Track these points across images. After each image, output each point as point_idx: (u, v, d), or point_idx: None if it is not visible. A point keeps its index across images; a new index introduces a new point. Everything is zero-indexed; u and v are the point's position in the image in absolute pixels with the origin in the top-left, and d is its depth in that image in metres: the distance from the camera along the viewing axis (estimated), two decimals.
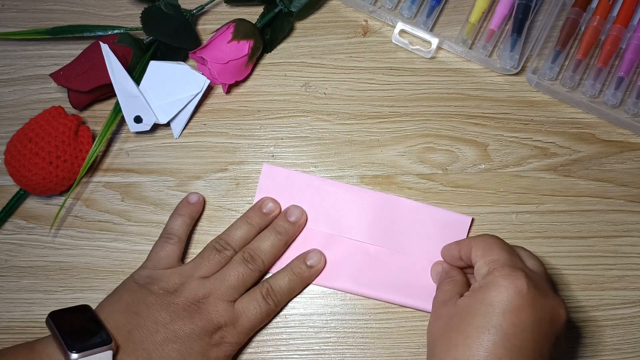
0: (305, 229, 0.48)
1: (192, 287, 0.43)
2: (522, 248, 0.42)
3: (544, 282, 0.38)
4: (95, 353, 0.37)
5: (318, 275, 0.46)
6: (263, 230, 0.46)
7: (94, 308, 0.42)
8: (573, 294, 0.47)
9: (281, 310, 0.46)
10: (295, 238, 0.47)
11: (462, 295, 0.39)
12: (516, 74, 0.51)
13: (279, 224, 0.46)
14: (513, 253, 0.39)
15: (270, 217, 0.47)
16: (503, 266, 0.37)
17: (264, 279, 0.46)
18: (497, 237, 0.41)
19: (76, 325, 0.39)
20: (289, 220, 0.47)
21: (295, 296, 0.46)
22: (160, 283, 0.43)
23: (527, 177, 0.49)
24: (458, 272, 0.43)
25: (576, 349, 0.46)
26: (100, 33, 0.51)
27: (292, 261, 0.46)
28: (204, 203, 0.48)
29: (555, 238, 0.48)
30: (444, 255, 0.45)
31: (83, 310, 0.41)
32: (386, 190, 0.49)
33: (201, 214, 0.48)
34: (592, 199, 0.49)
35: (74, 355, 0.36)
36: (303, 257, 0.46)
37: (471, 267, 0.41)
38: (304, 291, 0.47)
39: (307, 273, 0.46)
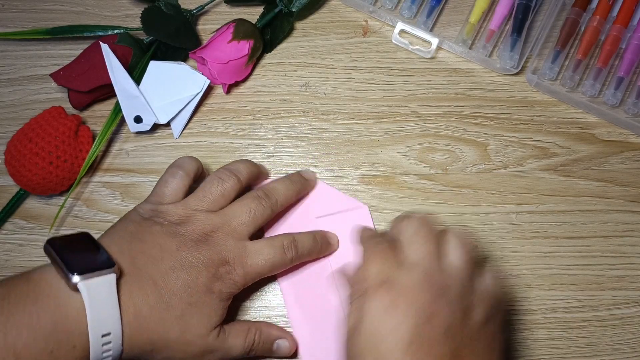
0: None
1: (199, 219, 0.40)
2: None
3: (425, 279, 0.35)
4: (98, 275, 0.35)
5: (334, 248, 0.46)
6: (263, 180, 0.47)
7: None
8: (573, 294, 0.47)
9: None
10: (306, 195, 0.47)
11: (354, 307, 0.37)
12: (516, 74, 0.51)
13: (292, 175, 0.47)
14: (392, 262, 0.37)
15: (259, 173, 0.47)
16: (371, 286, 0.36)
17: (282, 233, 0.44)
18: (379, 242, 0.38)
19: (76, 250, 0.37)
20: (302, 175, 0.47)
21: (309, 258, 0.45)
22: (165, 216, 0.41)
23: (527, 177, 0.49)
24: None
25: (576, 349, 0.46)
26: (100, 33, 0.51)
27: (316, 231, 0.45)
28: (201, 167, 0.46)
29: (555, 238, 0.48)
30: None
31: (83, 236, 0.39)
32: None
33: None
34: (592, 199, 0.49)
35: (76, 278, 0.34)
36: (326, 233, 0.46)
37: None
38: None
39: (325, 248, 0.45)
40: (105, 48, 0.47)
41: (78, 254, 0.36)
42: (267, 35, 0.52)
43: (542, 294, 0.47)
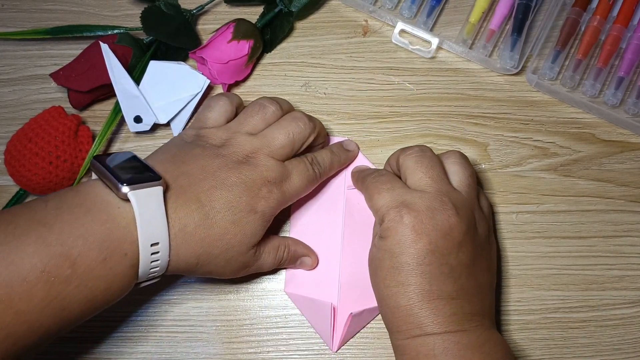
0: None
1: (241, 141, 0.41)
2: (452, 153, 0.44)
3: (436, 199, 0.40)
4: (146, 187, 0.35)
5: (354, 153, 0.48)
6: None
7: None
8: (573, 294, 0.47)
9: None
10: (348, 165, 0.48)
11: (377, 235, 0.41)
12: (516, 74, 0.51)
13: (333, 146, 0.48)
14: (401, 188, 0.41)
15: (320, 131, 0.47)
16: (388, 210, 0.40)
17: None
18: (415, 155, 0.42)
19: (123, 165, 0.37)
20: (345, 147, 0.48)
21: (331, 174, 0.47)
22: (207, 139, 0.42)
23: (527, 177, 0.49)
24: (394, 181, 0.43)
25: (576, 349, 0.46)
26: (100, 33, 0.51)
27: (331, 144, 0.48)
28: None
29: (555, 238, 0.48)
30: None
31: (128, 154, 0.39)
32: None
33: None
34: (592, 199, 0.49)
35: (125, 188, 0.35)
36: (341, 143, 0.48)
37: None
38: None
39: (344, 155, 0.47)
40: (105, 48, 0.47)
41: (127, 168, 0.37)
42: (267, 35, 0.52)
43: (542, 294, 0.47)
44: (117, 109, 0.49)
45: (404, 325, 0.38)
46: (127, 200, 0.35)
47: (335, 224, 0.47)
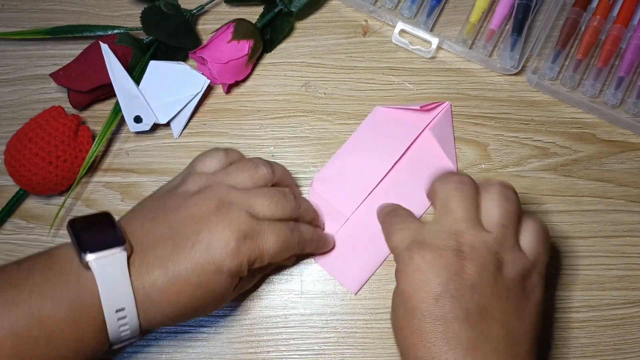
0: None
1: (219, 191, 0.39)
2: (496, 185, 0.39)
3: (450, 238, 0.37)
4: (109, 255, 0.35)
5: (327, 247, 0.47)
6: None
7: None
8: (573, 294, 0.47)
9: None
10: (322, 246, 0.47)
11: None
12: (516, 74, 0.51)
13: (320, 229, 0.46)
14: (415, 225, 0.39)
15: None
16: (401, 251, 0.37)
17: None
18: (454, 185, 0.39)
19: (93, 229, 0.37)
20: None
21: (310, 250, 0.45)
22: (188, 185, 0.40)
23: (527, 177, 0.49)
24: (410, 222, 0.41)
25: (576, 349, 0.46)
26: (100, 33, 0.51)
27: (316, 228, 0.46)
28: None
29: (555, 238, 0.48)
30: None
31: (103, 215, 0.39)
32: (439, 162, 0.49)
33: None
34: (592, 199, 0.48)
35: (89, 256, 0.35)
36: (323, 233, 0.46)
37: None
38: (304, 291, 0.47)
39: (322, 244, 0.45)
40: (105, 48, 0.47)
41: (94, 233, 0.37)
42: (267, 35, 0.52)
43: None
44: (117, 109, 0.49)
45: None
46: (89, 267, 0.35)
47: (393, 153, 0.48)
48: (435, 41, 0.50)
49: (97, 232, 0.37)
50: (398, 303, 0.37)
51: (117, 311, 0.35)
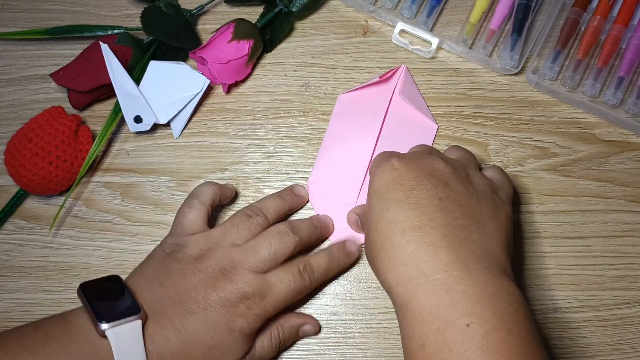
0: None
1: (220, 254, 0.41)
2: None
3: (425, 150, 0.42)
4: (125, 323, 0.36)
5: (353, 263, 0.47)
6: (294, 211, 0.47)
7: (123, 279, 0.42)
8: (573, 294, 0.47)
9: (314, 292, 0.46)
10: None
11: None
12: (516, 74, 0.51)
13: (335, 246, 0.46)
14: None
15: (302, 200, 0.48)
16: (379, 161, 0.41)
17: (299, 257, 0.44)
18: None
19: (105, 296, 0.39)
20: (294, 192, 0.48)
21: (329, 278, 0.46)
22: (185, 249, 0.41)
23: (527, 177, 0.49)
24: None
25: (576, 349, 0.46)
26: (100, 33, 0.51)
27: (331, 245, 0.45)
28: (232, 193, 0.48)
29: (555, 238, 0.48)
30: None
31: (113, 280, 0.41)
32: (417, 121, 0.49)
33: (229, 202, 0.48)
34: (592, 199, 0.48)
35: (104, 325, 0.36)
36: (343, 244, 0.46)
37: None
38: None
39: (344, 259, 0.45)
40: (105, 48, 0.47)
41: (106, 300, 0.38)
42: (267, 35, 0.52)
43: (542, 294, 0.47)
44: (117, 109, 0.49)
45: (401, 269, 0.35)
46: (106, 336, 0.36)
47: (372, 129, 0.48)
48: (435, 41, 0.50)
49: (109, 299, 0.38)
50: (374, 202, 0.38)
51: None
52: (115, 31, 0.51)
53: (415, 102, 0.49)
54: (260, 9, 0.52)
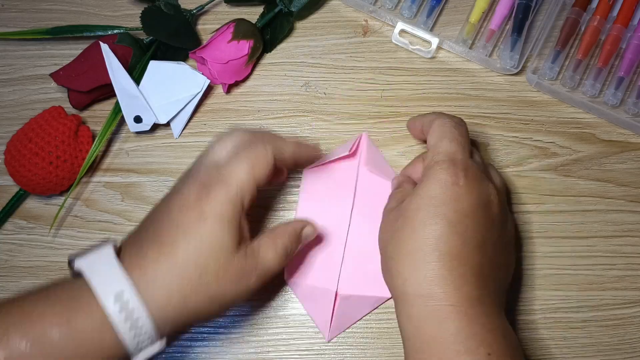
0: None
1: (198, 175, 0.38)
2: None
3: (481, 172, 0.40)
4: (94, 251, 0.35)
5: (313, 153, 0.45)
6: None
7: None
8: (573, 294, 0.47)
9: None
10: (356, 148, 0.48)
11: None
12: (516, 74, 0.51)
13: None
14: (460, 145, 0.40)
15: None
16: (444, 160, 0.39)
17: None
18: (454, 124, 0.41)
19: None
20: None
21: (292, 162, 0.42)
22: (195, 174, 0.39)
23: (527, 177, 0.49)
24: (409, 184, 0.43)
25: (576, 349, 0.46)
26: (100, 33, 0.51)
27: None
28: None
29: (555, 238, 0.48)
30: (409, 125, 0.46)
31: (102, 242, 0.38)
32: (387, 191, 0.49)
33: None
34: (592, 199, 0.48)
35: (78, 262, 0.34)
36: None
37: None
38: None
39: (306, 152, 0.43)
40: (105, 48, 0.47)
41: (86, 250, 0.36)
42: (267, 35, 0.52)
43: (542, 294, 0.47)
44: (117, 109, 0.49)
45: (425, 284, 0.36)
46: (80, 274, 0.34)
47: (343, 209, 0.47)
48: (435, 41, 0.50)
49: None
50: (423, 202, 0.38)
51: (116, 298, 0.33)
52: (115, 31, 0.51)
53: (381, 170, 0.48)
54: (260, 9, 0.52)
